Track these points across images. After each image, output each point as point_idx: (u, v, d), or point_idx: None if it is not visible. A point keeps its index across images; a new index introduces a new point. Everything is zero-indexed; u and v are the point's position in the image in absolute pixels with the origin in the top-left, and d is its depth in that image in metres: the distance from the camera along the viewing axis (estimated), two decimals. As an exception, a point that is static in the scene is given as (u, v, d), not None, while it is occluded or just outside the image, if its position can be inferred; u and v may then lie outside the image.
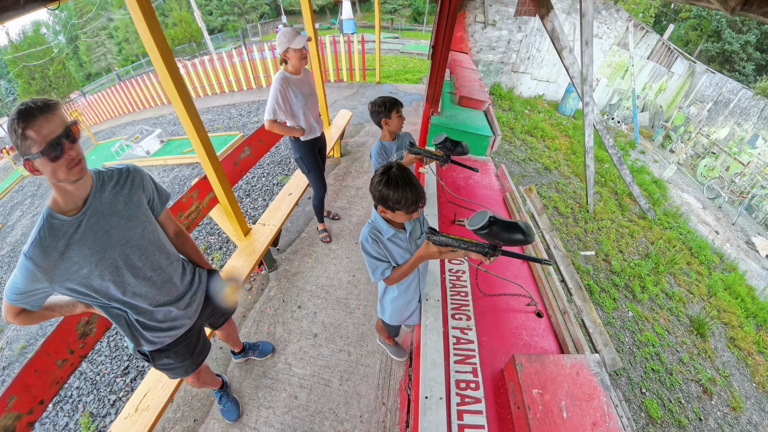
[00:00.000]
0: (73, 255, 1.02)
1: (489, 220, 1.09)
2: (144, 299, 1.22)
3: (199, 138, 2.03)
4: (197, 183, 2.41)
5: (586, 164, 5.12)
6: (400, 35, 21.79)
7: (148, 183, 1.24)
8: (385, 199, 1.23)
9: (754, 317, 4.68)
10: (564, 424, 1.16)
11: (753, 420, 3.28)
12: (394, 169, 1.25)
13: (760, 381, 3.72)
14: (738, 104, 10.59)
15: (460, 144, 2.03)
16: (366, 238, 1.36)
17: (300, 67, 2.44)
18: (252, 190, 4.50)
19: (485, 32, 8.26)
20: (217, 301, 1.55)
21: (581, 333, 1.62)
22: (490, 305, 1.80)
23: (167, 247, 1.30)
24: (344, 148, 5.14)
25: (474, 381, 1.41)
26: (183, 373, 1.53)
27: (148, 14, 1.58)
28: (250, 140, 3.07)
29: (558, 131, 8.15)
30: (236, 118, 7.57)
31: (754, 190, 8.36)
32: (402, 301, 1.64)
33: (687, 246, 5.49)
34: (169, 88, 1.81)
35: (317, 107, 2.77)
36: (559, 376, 1.30)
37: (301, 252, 3.24)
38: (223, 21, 27.26)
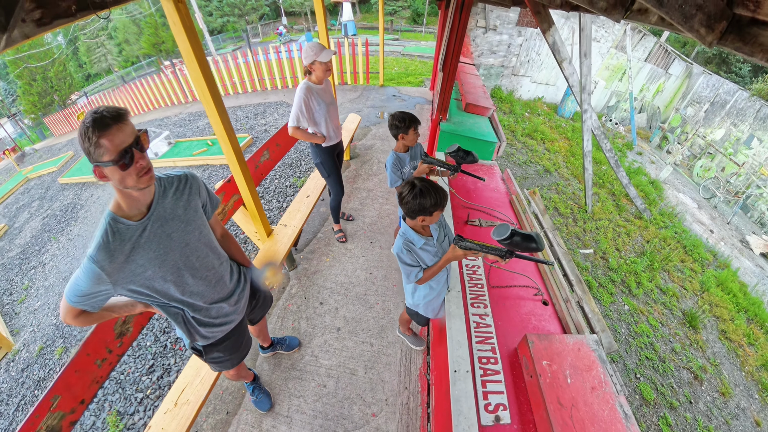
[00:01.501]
0: (138, 258, 1.08)
1: (511, 233, 1.33)
2: (200, 297, 1.30)
3: (229, 141, 2.13)
4: (223, 186, 2.58)
5: (584, 167, 5.43)
6: (401, 37, 21.89)
7: (202, 189, 1.33)
8: (423, 208, 1.44)
9: (746, 311, 5.00)
10: (568, 388, 1.41)
11: (741, 405, 3.59)
12: (416, 181, 1.47)
13: (750, 370, 4.04)
14: (734, 105, 10.94)
15: (471, 153, 2.22)
16: (401, 249, 1.60)
17: (324, 79, 2.64)
18: (265, 193, 4.73)
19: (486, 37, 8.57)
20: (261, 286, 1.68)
21: (581, 318, 1.90)
22: (503, 295, 2.07)
23: (218, 248, 1.39)
24: (353, 151, 5.37)
25: (493, 357, 1.68)
26: (229, 366, 1.65)
27: (186, 21, 1.64)
28: (268, 145, 3.27)
29: (557, 133, 8.47)
30: (243, 120, 7.71)
31: (749, 190, 8.69)
32: (433, 294, 1.88)
33: (681, 244, 5.81)
34: (204, 94, 1.88)
35: (337, 116, 2.98)
36: (563, 351, 1.55)
37: (318, 251, 3.47)
38: (223, 22, 27.19)
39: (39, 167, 10.38)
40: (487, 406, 1.48)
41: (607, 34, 10.11)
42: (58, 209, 7.11)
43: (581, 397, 1.38)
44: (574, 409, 1.34)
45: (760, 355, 4.30)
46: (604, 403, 1.38)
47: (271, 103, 8.41)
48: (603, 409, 1.36)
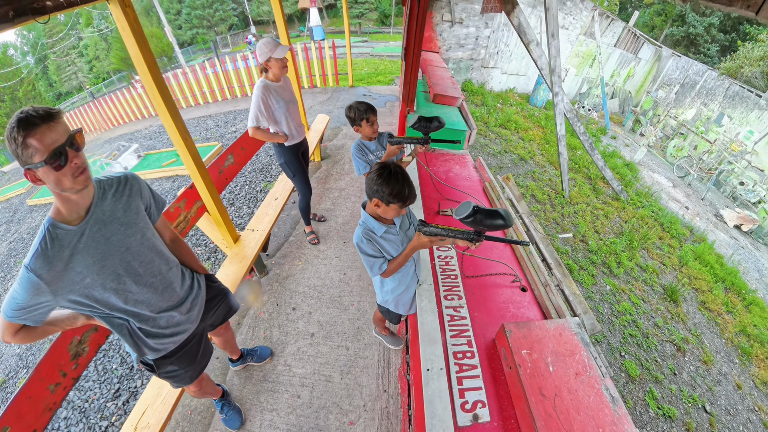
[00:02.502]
0: (77, 265, 1.04)
1: (473, 209, 1.26)
2: (146, 306, 1.25)
3: (185, 145, 2.15)
4: (184, 192, 2.53)
5: (559, 152, 5.57)
6: (369, 38, 22.88)
7: (145, 190, 1.29)
8: (382, 193, 1.37)
9: (723, 282, 5.23)
10: (551, 376, 1.37)
11: (723, 371, 3.75)
12: (392, 166, 1.40)
13: (729, 337, 4.23)
14: (704, 85, 11.43)
15: (434, 119, 2.20)
16: (360, 239, 1.51)
17: (281, 76, 2.64)
18: (236, 199, 4.67)
19: (453, 30, 8.73)
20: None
21: (562, 301, 1.88)
22: (479, 285, 2.03)
23: (165, 253, 1.34)
24: (324, 152, 5.39)
25: (470, 351, 1.62)
26: (188, 380, 1.57)
27: (137, 31, 1.69)
28: (232, 149, 3.23)
29: (531, 122, 8.69)
30: (213, 129, 7.77)
31: (721, 166, 9.08)
32: (402, 288, 1.80)
33: (659, 222, 6.04)
34: (157, 101, 1.94)
35: (298, 113, 2.97)
36: (544, 337, 1.52)
37: (290, 255, 3.42)
38: (193, 34, 28.31)
39: (6, 190, 10.03)
40: (464, 404, 1.42)
41: (575, 21, 10.45)
42: (26, 232, 6.81)
43: (565, 385, 1.35)
44: (558, 398, 1.30)
45: (738, 321, 4.52)
46: (589, 389, 1.35)
47: (241, 111, 8.45)
48: (589, 395, 1.33)
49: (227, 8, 29.09)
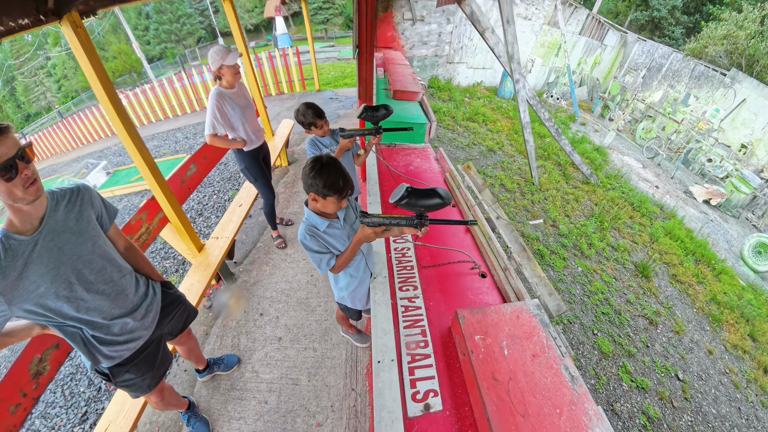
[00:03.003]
0: (31, 274, 1.10)
1: (407, 191, 1.26)
2: (98, 313, 1.30)
3: (142, 158, 2.22)
4: (146, 204, 2.57)
5: (525, 139, 5.75)
6: (336, 43, 23.93)
7: (96, 200, 1.36)
8: (316, 186, 1.38)
9: (693, 254, 5.49)
10: (505, 360, 1.37)
11: (695, 338, 3.94)
12: (324, 158, 1.41)
13: (700, 306, 4.45)
14: (670, 67, 11.88)
15: (381, 107, 2.23)
16: (303, 235, 1.52)
17: (234, 82, 2.71)
18: (204, 209, 4.68)
19: (415, 28, 8.95)
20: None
21: (521, 284, 1.88)
22: (437, 274, 2.04)
23: (118, 260, 1.40)
24: (291, 157, 5.45)
25: (423, 341, 1.62)
26: (146, 389, 1.59)
27: (89, 50, 1.76)
28: (194, 158, 3.26)
29: (499, 114, 8.95)
30: (182, 141, 7.84)
31: (689, 145, 9.49)
32: (356, 283, 1.83)
33: (629, 202, 6.28)
34: (113, 118, 2.01)
35: (255, 118, 3.03)
36: (500, 321, 1.52)
37: (258, 261, 3.46)
38: (162, 49, 29.27)
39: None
40: (415, 395, 1.41)
41: (538, 11, 10.81)
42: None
43: (520, 368, 1.35)
44: (512, 382, 1.30)
45: (708, 290, 4.75)
46: (547, 369, 1.36)
47: (208, 122, 8.52)
48: (546, 376, 1.33)
49: (194, 22, 30.05)
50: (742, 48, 11.79)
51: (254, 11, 30.45)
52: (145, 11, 28.94)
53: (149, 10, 28.64)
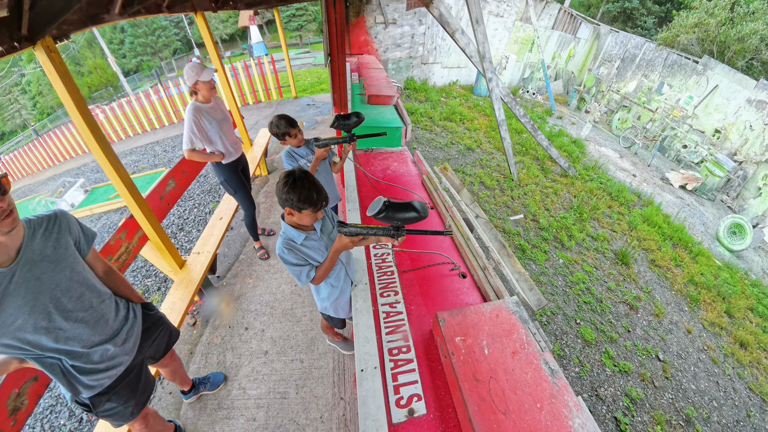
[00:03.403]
0: (8, 307, 1.08)
1: (384, 205, 1.30)
2: (78, 342, 1.28)
3: (119, 177, 2.23)
4: (124, 223, 2.59)
5: (501, 136, 5.94)
6: (311, 49, 24.48)
7: (74, 225, 1.35)
8: (291, 201, 1.43)
9: (671, 239, 5.76)
10: (486, 359, 1.41)
11: (674, 320, 4.16)
12: (296, 172, 1.45)
13: (678, 288, 4.69)
14: (643, 57, 12.27)
15: (352, 115, 2.32)
16: (281, 249, 1.55)
17: (210, 97, 2.80)
18: (185, 224, 4.68)
19: (388, 31, 9.16)
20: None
21: (500, 283, 1.93)
22: (417, 278, 2.07)
23: (97, 286, 1.39)
24: (270, 166, 5.50)
25: (405, 345, 1.65)
26: (129, 417, 1.56)
27: (63, 74, 1.81)
28: (173, 173, 3.28)
29: (476, 112, 9.20)
30: (161, 155, 7.84)
31: (664, 133, 9.92)
32: (337, 292, 1.87)
33: (607, 192, 6.54)
34: (88, 138, 2.03)
35: (232, 130, 3.12)
36: (479, 321, 1.56)
37: (241, 274, 3.49)
38: (138, 62, 29.74)
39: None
40: (399, 400, 1.44)
41: (509, 8, 11.15)
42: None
43: (501, 366, 1.39)
44: (493, 381, 1.34)
45: (686, 273, 5.00)
46: (527, 365, 1.40)
47: (186, 134, 8.57)
48: (526, 372, 1.38)
49: (169, 34, 30.53)
50: (713, 35, 12.32)
51: (228, 21, 30.99)
52: (120, 25, 29.32)
53: (124, 24, 29.00)
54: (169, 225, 4.67)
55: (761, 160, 8.63)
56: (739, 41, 11.98)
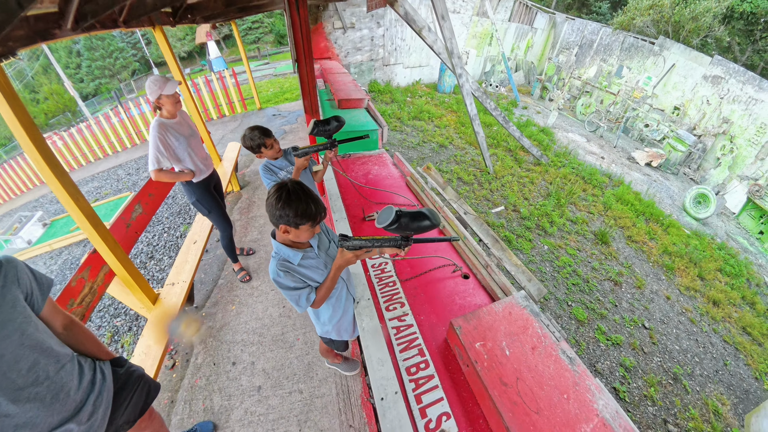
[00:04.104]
0: None
1: (396, 215, 1.24)
2: (30, 429, 1.06)
3: (78, 207, 2.08)
4: (87, 259, 2.41)
5: (475, 131, 6.17)
6: (270, 60, 24.99)
7: (23, 274, 1.15)
8: (287, 217, 1.31)
9: (643, 214, 6.17)
10: (509, 361, 1.40)
11: (654, 289, 4.53)
12: (289, 184, 1.34)
13: (655, 259, 5.09)
14: (601, 43, 12.89)
15: (331, 119, 2.24)
16: (276, 273, 1.41)
17: (175, 111, 2.70)
18: (155, 251, 4.48)
19: (347, 36, 9.33)
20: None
21: (505, 278, 1.96)
22: (420, 285, 2.03)
23: (55, 348, 1.18)
24: (242, 180, 5.42)
25: (423, 361, 1.58)
26: None
27: (9, 95, 1.68)
28: (139, 197, 3.13)
29: (443, 109, 9.50)
30: (125, 178, 7.64)
31: (627, 114, 10.53)
32: (339, 313, 1.76)
33: (580, 176, 6.92)
34: (38, 163, 1.90)
35: (201, 146, 3.02)
36: (495, 322, 1.56)
37: (222, 301, 3.31)
38: (96, 85, 29.86)
39: None
40: (428, 424, 1.37)
41: (465, 4, 11.54)
42: None
43: (524, 365, 1.39)
44: (520, 381, 1.33)
45: (660, 244, 5.43)
46: (547, 358, 1.42)
47: (151, 155, 8.41)
48: (548, 365, 1.40)
49: (127, 55, 30.61)
50: (667, 16, 13.04)
51: (186, 39, 31.61)
52: (75, 49, 29.36)
53: (80, 48, 29.11)
54: (137, 255, 4.48)
55: (718, 132, 9.37)
56: (693, 20, 12.76)
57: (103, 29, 2.51)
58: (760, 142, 8.63)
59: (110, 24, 2.59)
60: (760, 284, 5.46)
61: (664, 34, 12.76)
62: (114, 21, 2.61)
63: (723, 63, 9.44)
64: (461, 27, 11.95)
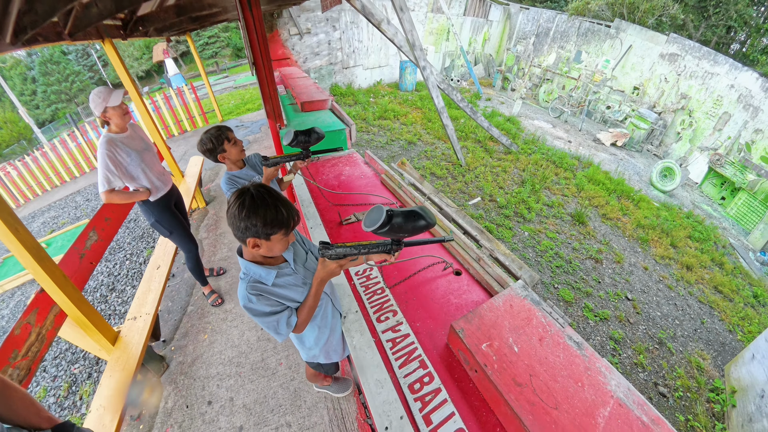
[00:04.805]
0: None
1: (387, 215, 1.11)
2: None
3: (19, 242, 1.84)
4: (33, 301, 2.14)
5: (444, 124, 6.19)
6: (229, 73, 25.25)
7: None
8: (255, 228, 1.13)
9: (614, 192, 6.40)
10: (518, 358, 1.33)
11: (632, 261, 4.73)
12: (251, 189, 1.16)
13: (630, 234, 5.30)
14: (557, 30, 13.32)
15: (312, 131, 2.13)
16: (247, 299, 1.22)
17: (124, 124, 2.51)
18: (116, 282, 4.14)
19: (304, 42, 9.31)
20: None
21: (500, 270, 1.91)
22: (410, 289, 1.90)
23: None
24: (207, 195, 5.20)
25: (426, 374, 1.44)
26: None
27: None
28: (94, 223, 2.86)
29: (408, 107, 9.60)
30: (83, 205, 7.31)
31: (588, 98, 10.93)
32: (326, 333, 1.59)
33: (551, 161, 7.10)
34: None
35: (157, 160, 2.81)
36: (497, 318, 1.48)
37: (192, 331, 3.08)
38: (53, 111, 29.70)
39: None
40: None
41: (419, 0, 11.77)
42: None
43: (535, 359, 1.33)
44: (534, 378, 1.27)
45: (633, 219, 5.68)
46: (556, 348, 1.37)
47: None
48: (558, 355, 1.34)
49: (84, 78, 30.43)
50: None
51: (143, 58, 31.70)
52: (30, 76, 29.43)
53: (35, 74, 29.04)
54: (96, 287, 4.13)
55: (678, 108, 9.89)
56: (647, 0, 13.35)
57: (47, 42, 2.31)
58: (717, 114, 9.16)
59: (54, 37, 2.38)
60: (725, 245, 5.84)
61: (619, 17, 13.23)
62: (59, 34, 2.41)
63: (678, 41, 9.90)
64: (417, 24, 12.11)
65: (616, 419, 1.18)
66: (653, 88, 10.74)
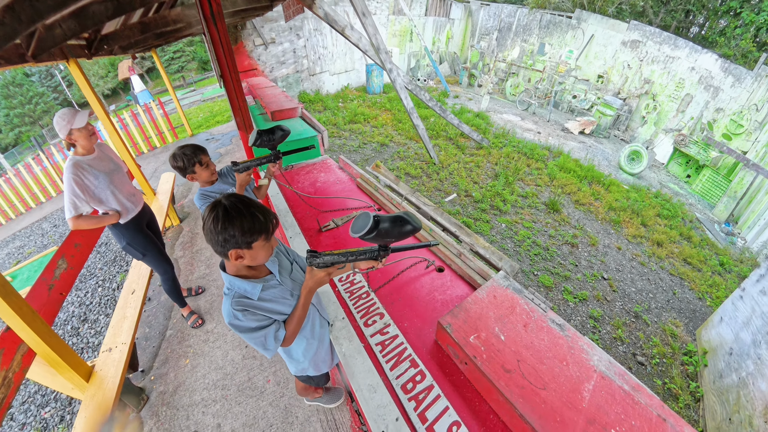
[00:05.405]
0: None
1: (374, 221, 1.12)
2: None
3: None
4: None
5: (415, 125, 6.31)
6: (196, 87, 25.32)
7: None
8: (234, 239, 1.12)
9: (585, 179, 6.67)
10: (506, 346, 1.39)
11: (606, 243, 4.96)
12: (222, 200, 1.16)
13: (602, 217, 5.55)
14: (519, 24, 13.59)
15: (276, 129, 2.12)
16: (232, 315, 1.20)
17: (91, 146, 2.44)
18: (89, 311, 3.95)
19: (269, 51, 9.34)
20: None
21: (481, 263, 1.97)
22: (395, 290, 1.94)
23: None
24: (181, 212, 5.09)
25: (418, 372, 1.48)
26: None
27: None
28: (63, 250, 2.73)
29: (377, 109, 9.73)
30: (51, 231, 7.00)
31: (554, 89, 11.29)
32: (315, 344, 1.59)
33: (522, 153, 7.33)
34: None
35: (128, 180, 2.75)
36: (483, 310, 1.54)
37: (173, 356, 2.97)
38: (16, 134, 29.13)
39: None
40: None
41: (380, 4, 11.84)
42: None
43: (521, 344, 1.39)
44: (521, 362, 1.33)
45: (605, 203, 5.94)
46: (540, 332, 1.45)
47: (80, 197, 7.81)
48: (542, 338, 1.42)
49: (48, 99, 29.87)
50: None
51: (108, 76, 31.28)
52: None
53: None
54: (67, 320, 3.93)
55: (641, 93, 10.35)
56: None
57: (9, 65, 2.23)
58: (679, 96, 9.63)
59: (17, 59, 2.30)
60: (692, 220, 6.18)
61: (579, 7, 13.60)
62: (21, 56, 2.33)
63: (639, 27, 10.31)
64: (380, 27, 12.26)
65: (600, 391, 1.27)
66: (617, 75, 11.18)
